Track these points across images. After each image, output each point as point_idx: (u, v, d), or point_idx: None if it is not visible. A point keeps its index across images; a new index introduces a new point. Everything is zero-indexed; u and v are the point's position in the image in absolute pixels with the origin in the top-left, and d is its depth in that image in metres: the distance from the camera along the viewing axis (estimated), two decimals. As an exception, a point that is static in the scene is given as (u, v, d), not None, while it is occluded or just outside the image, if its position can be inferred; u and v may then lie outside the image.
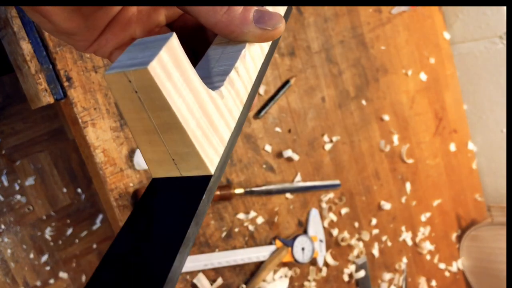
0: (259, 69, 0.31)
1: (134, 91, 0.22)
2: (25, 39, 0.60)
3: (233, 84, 0.28)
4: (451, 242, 1.18)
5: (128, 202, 0.68)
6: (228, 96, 0.27)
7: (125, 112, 0.23)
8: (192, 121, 0.23)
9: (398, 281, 1.05)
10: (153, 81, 0.21)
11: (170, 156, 0.25)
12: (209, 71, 0.28)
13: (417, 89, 1.08)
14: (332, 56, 0.93)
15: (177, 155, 0.24)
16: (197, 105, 0.24)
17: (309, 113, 0.90)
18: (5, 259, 1.34)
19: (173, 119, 0.23)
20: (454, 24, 1.15)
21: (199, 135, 0.24)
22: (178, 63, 0.23)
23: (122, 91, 0.22)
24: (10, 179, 1.36)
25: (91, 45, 0.30)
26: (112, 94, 0.22)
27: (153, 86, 0.21)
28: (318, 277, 0.90)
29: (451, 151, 1.16)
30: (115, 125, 0.67)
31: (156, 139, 0.24)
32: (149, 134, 0.24)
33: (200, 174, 0.25)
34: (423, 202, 1.10)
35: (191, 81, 0.23)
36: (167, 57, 0.22)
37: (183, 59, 0.23)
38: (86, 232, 1.45)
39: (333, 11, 0.93)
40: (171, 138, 0.24)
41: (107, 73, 0.21)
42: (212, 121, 0.25)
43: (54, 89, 0.62)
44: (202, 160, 0.24)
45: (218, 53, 0.30)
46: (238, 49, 0.29)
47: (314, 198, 0.90)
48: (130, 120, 0.24)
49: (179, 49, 0.23)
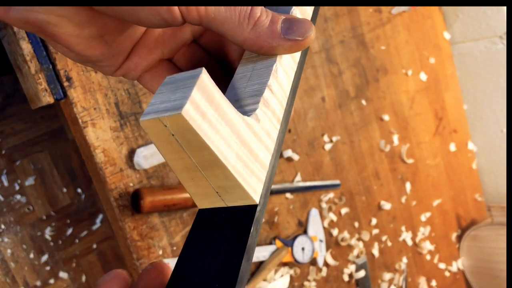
0: (292, 80, 0.30)
1: (171, 134, 0.22)
2: (25, 39, 0.60)
3: (268, 104, 0.27)
4: (451, 242, 1.18)
5: (128, 202, 0.68)
6: (264, 118, 0.26)
7: (164, 153, 0.23)
8: (231, 155, 0.23)
9: (398, 281, 1.05)
10: (189, 124, 0.21)
11: (214, 189, 0.25)
12: (242, 92, 0.28)
13: (417, 89, 1.08)
14: (332, 56, 0.93)
15: (221, 188, 0.24)
16: (234, 136, 0.24)
17: (309, 113, 0.90)
18: (5, 259, 1.34)
19: (213, 157, 0.23)
20: (454, 24, 1.15)
21: (240, 167, 0.24)
22: (211, 99, 0.22)
23: (159, 135, 0.22)
24: (10, 179, 1.36)
25: (118, 69, 0.30)
26: (149, 137, 0.22)
27: (189, 129, 0.21)
28: (318, 277, 0.90)
29: (451, 151, 1.16)
30: (115, 125, 0.67)
31: (198, 175, 0.24)
32: (190, 171, 0.24)
33: (245, 204, 0.25)
34: (423, 202, 1.10)
35: (226, 114, 0.23)
36: (199, 96, 0.22)
37: (215, 94, 0.23)
38: (86, 232, 1.45)
39: (333, 11, 0.93)
40: (213, 173, 0.24)
41: (142, 119, 0.21)
42: (252, 149, 0.25)
43: (54, 89, 0.62)
44: (246, 191, 0.24)
45: (248, 69, 0.29)
46: (269, 64, 0.28)
47: (314, 198, 0.90)
48: (170, 160, 0.24)
49: (210, 84, 0.22)
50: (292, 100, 0.30)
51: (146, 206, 0.65)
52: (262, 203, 0.26)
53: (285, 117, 0.29)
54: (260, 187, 0.25)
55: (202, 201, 0.26)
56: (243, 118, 0.24)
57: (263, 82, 0.27)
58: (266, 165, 0.26)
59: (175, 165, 0.24)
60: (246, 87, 0.28)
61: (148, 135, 0.22)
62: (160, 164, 0.71)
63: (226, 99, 0.23)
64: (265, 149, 0.26)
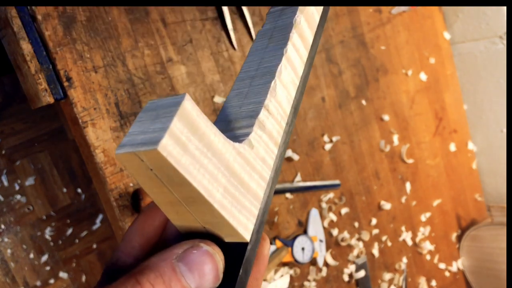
0: (294, 97, 0.27)
1: (149, 169, 0.20)
2: (25, 39, 0.60)
3: (264, 127, 0.24)
4: (451, 242, 1.18)
5: (128, 202, 0.68)
6: (259, 143, 0.24)
7: (145, 187, 0.21)
8: (217, 191, 0.21)
9: (398, 281, 1.05)
10: (166, 160, 0.19)
11: (201, 224, 0.23)
12: (237, 112, 0.25)
13: (417, 89, 1.08)
14: (332, 56, 0.93)
15: (208, 223, 0.22)
16: (222, 168, 0.21)
17: (309, 113, 0.90)
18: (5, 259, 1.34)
19: (195, 194, 0.20)
20: (454, 24, 1.15)
21: (228, 203, 0.22)
22: (194, 129, 0.20)
23: (137, 169, 0.20)
24: (10, 179, 1.36)
25: None
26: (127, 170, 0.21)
27: (167, 165, 0.19)
28: (318, 277, 0.90)
29: (451, 151, 1.16)
30: (115, 125, 0.67)
31: (183, 210, 0.22)
32: (174, 206, 0.22)
33: (235, 241, 0.23)
34: (423, 202, 1.10)
35: (212, 143, 0.21)
36: (181, 126, 0.19)
37: (200, 123, 0.20)
38: (86, 232, 1.45)
39: (333, 11, 0.93)
40: (198, 209, 0.22)
41: (117, 152, 0.19)
42: (242, 180, 0.23)
43: (54, 89, 0.62)
44: (234, 229, 0.22)
45: (246, 85, 0.26)
46: (266, 80, 0.25)
47: (314, 198, 0.90)
48: (152, 194, 0.22)
49: (194, 112, 0.20)
50: (294, 119, 0.27)
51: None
52: (254, 240, 0.23)
53: (284, 139, 0.26)
54: (252, 222, 0.23)
55: (190, 234, 0.24)
56: (233, 146, 0.22)
57: (259, 102, 0.25)
58: (260, 196, 0.24)
59: (157, 199, 0.22)
60: (241, 106, 0.25)
61: (125, 168, 0.21)
62: (160, 164, 0.71)
63: (213, 127, 0.21)
64: (259, 178, 0.24)
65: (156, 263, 0.21)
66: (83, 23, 0.64)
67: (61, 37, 0.62)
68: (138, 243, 0.25)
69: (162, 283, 0.21)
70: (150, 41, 0.70)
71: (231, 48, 0.79)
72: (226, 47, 0.79)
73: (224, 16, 0.77)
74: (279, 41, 0.27)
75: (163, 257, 0.22)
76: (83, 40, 0.64)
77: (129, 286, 0.20)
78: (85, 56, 0.64)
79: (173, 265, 0.21)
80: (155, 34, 0.71)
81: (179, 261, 0.21)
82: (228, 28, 0.77)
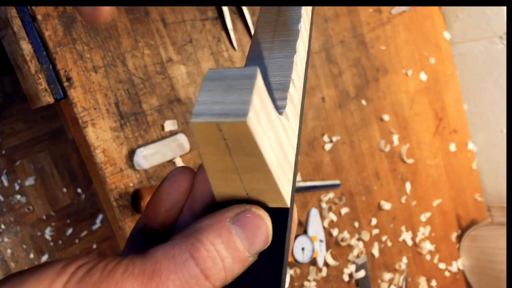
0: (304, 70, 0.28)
1: (223, 139, 0.20)
2: (25, 39, 0.60)
3: (292, 100, 0.26)
4: (451, 242, 1.18)
5: (128, 202, 0.68)
6: (292, 116, 0.25)
7: (204, 153, 0.21)
8: (275, 161, 0.22)
9: (398, 281, 1.05)
10: (250, 133, 0.19)
11: (245, 191, 0.23)
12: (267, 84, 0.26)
13: (417, 89, 1.08)
14: (332, 56, 0.93)
15: (254, 190, 0.23)
16: (276, 141, 0.22)
17: (309, 113, 0.90)
18: (5, 259, 1.34)
19: (260, 164, 0.21)
20: (454, 24, 1.15)
21: (280, 171, 0.23)
22: (264, 104, 0.20)
23: (208, 137, 0.20)
24: (10, 179, 1.36)
25: None
26: (194, 137, 0.21)
27: (248, 137, 0.19)
28: (318, 277, 0.90)
29: (451, 151, 1.16)
30: (115, 125, 0.67)
31: (233, 177, 0.22)
32: (227, 173, 0.22)
33: (278, 206, 0.23)
34: (423, 202, 1.10)
35: (271, 117, 0.22)
36: (257, 101, 0.20)
37: (266, 98, 0.21)
38: (86, 232, 1.45)
39: (333, 11, 0.93)
40: (253, 177, 0.22)
41: (195, 121, 0.19)
42: (285, 150, 0.24)
43: (54, 89, 0.62)
44: (281, 194, 0.23)
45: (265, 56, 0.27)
46: (287, 54, 0.26)
47: (314, 198, 0.90)
48: (208, 161, 0.22)
49: (263, 87, 0.21)
50: (304, 93, 0.29)
51: (146, 206, 0.65)
52: (291, 205, 0.24)
53: (301, 111, 0.28)
54: (290, 188, 0.24)
55: (226, 200, 0.24)
56: (280, 119, 0.23)
57: (287, 75, 0.26)
58: (293, 164, 0.25)
59: (212, 166, 0.22)
60: (268, 77, 0.26)
61: (194, 135, 0.20)
62: (160, 164, 0.71)
63: (270, 101, 0.22)
64: (291, 148, 0.25)
65: (211, 224, 0.22)
66: (83, 23, 0.64)
67: (61, 37, 0.62)
68: (164, 208, 0.26)
69: (221, 243, 0.21)
70: (150, 41, 0.70)
71: (231, 48, 0.79)
72: (226, 47, 0.79)
73: (224, 16, 0.77)
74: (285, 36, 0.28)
75: (218, 219, 0.22)
76: (83, 40, 0.64)
77: (189, 245, 0.21)
78: (85, 56, 0.64)
79: (228, 227, 0.22)
80: (155, 34, 0.71)
81: (234, 223, 0.22)
82: (228, 28, 0.77)
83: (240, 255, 0.22)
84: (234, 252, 0.21)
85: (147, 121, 0.70)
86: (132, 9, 0.69)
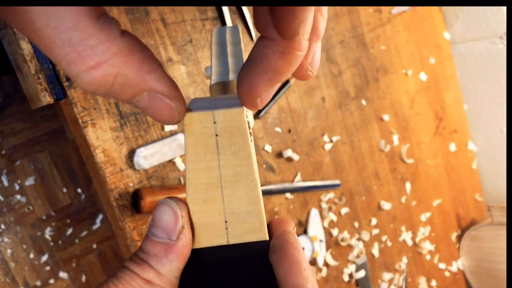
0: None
1: (214, 135, 0.20)
2: (25, 39, 0.60)
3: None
4: (451, 242, 1.18)
5: (128, 202, 0.68)
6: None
7: (192, 161, 0.21)
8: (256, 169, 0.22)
9: (398, 281, 1.05)
10: (243, 122, 0.20)
11: (224, 217, 0.22)
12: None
13: (417, 89, 1.08)
14: (332, 56, 0.93)
15: (234, 215, 0.22)
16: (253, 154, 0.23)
17: (309, 113, 0.90)
18: (5, 259, 1.34)
19: (247, 169, 0.21)
20: (454, 24, 1.15)
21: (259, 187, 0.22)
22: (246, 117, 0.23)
23: (200, 134, 0.20)
24: (10, 179, 1.36)
25: None
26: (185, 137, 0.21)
27: (240, 127, 0.20)
28: (318, 277, 0.90)
29: (451, 151, 1.16)
30: (115, 125, 0.67)
31: (214, 196, 0.21)
32: (208, 190, 0.21)
33: (251, 240, 0.22)
34: (423, 202, 1.10)
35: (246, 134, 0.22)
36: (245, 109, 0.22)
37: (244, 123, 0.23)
38: (86, 232, 1.45)
39: (333, 11, 0.93)
40: (235, 194, 0.21)
41: (191, 111, 0.20)
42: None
43: (54, 89, 0.62)
44: (263, 220, 0.22)
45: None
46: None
47: (314, 198, 0.90)
48: (193, 171, 0.21)
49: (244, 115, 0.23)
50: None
51: (146, 206, 0.65)
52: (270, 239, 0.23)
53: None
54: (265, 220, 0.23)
55: (201, 235, 0.22)
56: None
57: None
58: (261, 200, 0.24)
59: (195, 179, 0.21)
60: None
61: (186, 132, 0.21)
62: (160, 164, 0.71)
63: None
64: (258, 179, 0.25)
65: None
66: (83, 23, 0.64)
67: (61, 37, 0.62)
68: None
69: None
70: (150, 41, 0.70)
71: (231, 48, 0.79)
72: (226, 47, 0.78)
73: (224, 16, 0.77)
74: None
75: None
76: (83, 40, 0.64)
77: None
78: (85, 56, 0.64)
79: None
80: (155, 34, 0.71)
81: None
82: (228, 28, 0.77)
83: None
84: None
85: (147, 121, 0.70)
86: (132, 9, 0.69)
